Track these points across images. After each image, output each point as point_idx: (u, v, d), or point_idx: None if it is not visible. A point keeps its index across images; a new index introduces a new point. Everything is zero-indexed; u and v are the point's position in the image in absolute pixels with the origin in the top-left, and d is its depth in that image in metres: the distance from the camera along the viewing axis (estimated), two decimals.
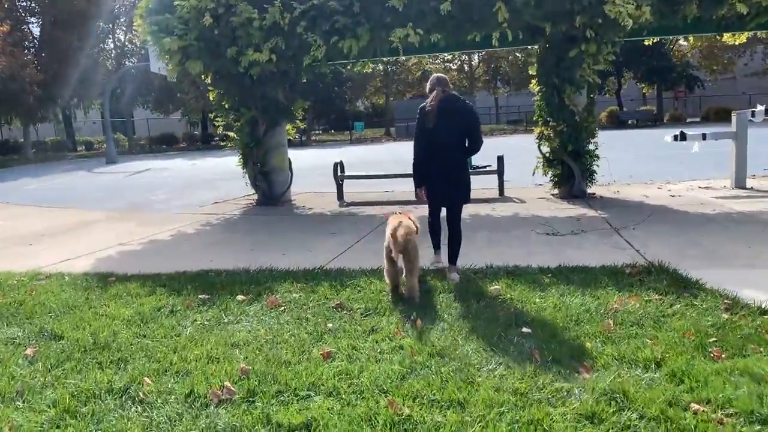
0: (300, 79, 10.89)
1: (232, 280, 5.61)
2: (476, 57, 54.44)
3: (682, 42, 44.64)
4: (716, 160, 13.35)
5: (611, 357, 3.50)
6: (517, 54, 55.69)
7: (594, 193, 9.71)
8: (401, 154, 24.90)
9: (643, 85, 48.10)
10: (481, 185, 11.11)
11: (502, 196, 10.17)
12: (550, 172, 9.82)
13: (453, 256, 5.50)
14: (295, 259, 6.42)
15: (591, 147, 9.60)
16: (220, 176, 17.48)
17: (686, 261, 5.45)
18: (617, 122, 40.24)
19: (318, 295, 4.97)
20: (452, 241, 5.52)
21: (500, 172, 10.18)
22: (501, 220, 8.15)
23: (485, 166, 10.37)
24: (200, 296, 5.10)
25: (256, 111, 10.51)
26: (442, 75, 5.52)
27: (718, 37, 10.87)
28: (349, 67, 11.77)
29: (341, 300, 4.79)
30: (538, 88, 9.86)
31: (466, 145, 5.39)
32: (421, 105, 5.38)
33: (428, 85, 5.49)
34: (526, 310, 4.38)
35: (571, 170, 9.53)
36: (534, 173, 10.07)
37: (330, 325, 4.26)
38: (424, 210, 5.95)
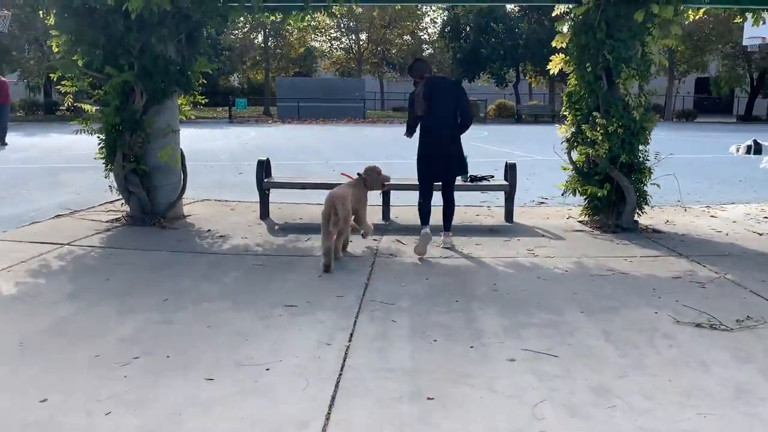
0: (205, 25, 7.00)
1: None
2: (364, 36, 51.13)
3: None
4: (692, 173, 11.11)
5: None
6: (406, 37, 53.12)
7: (641, 224, 6.79)
8: (311, 143, 20.95)
9: (531, 79, 47.36)
10: (465, 201, 7.86)
11: (511, 223, 6.97)
12: (585, 191, 6.73)
13: (448, 223, 5.90)
14: (240, 418, 2.78)
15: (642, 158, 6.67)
16: (72, 164, 12.80)
17: None
18: (512, 117, 38.84)
19: None
20: (448, 211, 5.88)
21: (512, 187, 6.94)
22: (569, 279, 4.91)
23: (484, 178, 7.09)
24: None
25: (132, 73, 6.47)
26: (422, 60, 6.15)
27: None
28: (274, 20, 7.96)
29: None
30: (573, 68, 6.73)
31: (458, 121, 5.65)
32: (411, 92, 5.67)
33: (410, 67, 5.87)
34: None
35: (619, 190, 6.53)
36: (564, 193, 6.96)
37: None
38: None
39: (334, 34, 51.74)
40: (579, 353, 3.51)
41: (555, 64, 7.15)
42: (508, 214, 7.02)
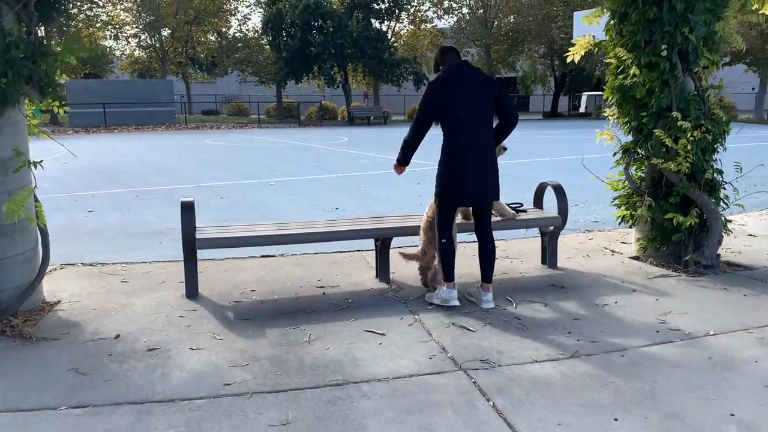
0: None
1: None
2: (166, 32, 46.08)
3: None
4: None
5: None
6: (211, 37, 48.96)
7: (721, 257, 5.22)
8: (152, 158, 17.01)
9: (351, 80, 46.26)
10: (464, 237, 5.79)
11: (557, 269, 5.03)
12: (669, 221, 4.91)
13: (490, 272, 4.23)
14: None
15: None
16: None
17: None
18: (338, 119, 37.37)
19: None
20: (490, 253, 4.24)
21: (564, 221, 4.99)
22: None
23: (517, 208, 5.05)
24: None
25: None
26: (451, 45, 4.48)
27: None
28: None
29: None
30: (627, 52, 4.98)
31: (495, 123, 4.20)
32: (432, 82, 4.17)
33: (437, 59, 4.26)
34: None
35: (700, 217, 4.89)
36: (622, 222, 5.20)
37: None
38: None
39: (132, 31, 46.09)
40: None
41: (580, 48, 5.40)
42: (552, 258, 5.08)
